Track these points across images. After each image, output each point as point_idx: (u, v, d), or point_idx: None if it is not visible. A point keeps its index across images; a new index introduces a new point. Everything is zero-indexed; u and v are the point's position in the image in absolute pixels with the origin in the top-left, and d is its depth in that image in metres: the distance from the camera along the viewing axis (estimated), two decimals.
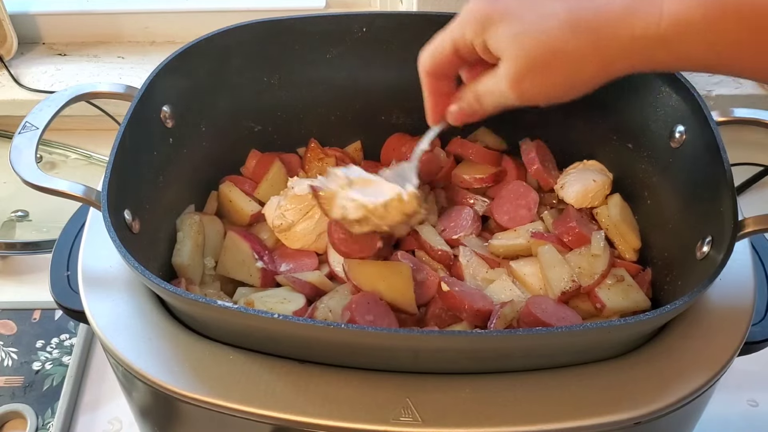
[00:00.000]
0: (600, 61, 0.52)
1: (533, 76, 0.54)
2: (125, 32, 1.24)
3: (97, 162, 1.15)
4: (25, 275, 1.02)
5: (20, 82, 1.16)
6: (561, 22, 0.52)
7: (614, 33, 0.51)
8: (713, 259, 0.61)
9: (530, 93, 0.55)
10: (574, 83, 0.54)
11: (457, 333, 0.61)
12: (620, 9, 0.50)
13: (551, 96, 0.55)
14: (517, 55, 0.54)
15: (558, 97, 0.55)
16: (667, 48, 0.50)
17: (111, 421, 0.86)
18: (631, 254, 0.76)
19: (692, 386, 0.57)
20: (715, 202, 0.63)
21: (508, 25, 0.54)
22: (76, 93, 0.72)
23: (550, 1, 0.53)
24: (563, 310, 0.68)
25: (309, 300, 0.69)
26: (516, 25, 0.53)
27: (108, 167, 0.63)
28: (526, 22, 0.53)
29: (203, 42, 0.76)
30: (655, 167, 0.75)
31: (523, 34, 0.53)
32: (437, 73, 0.62)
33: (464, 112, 0.63)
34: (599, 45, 0.51)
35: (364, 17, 0.81)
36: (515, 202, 0.79)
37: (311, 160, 0.85)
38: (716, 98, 1.10)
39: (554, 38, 0.52)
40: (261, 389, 0.57)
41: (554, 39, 0.52)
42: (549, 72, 0.53)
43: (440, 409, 0.56)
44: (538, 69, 0.54)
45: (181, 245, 0.74)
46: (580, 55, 0.52)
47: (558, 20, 0.52)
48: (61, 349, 0.92)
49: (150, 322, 0.62)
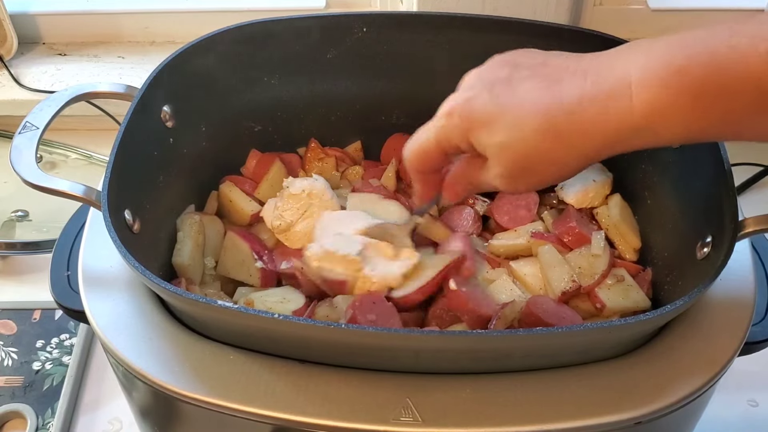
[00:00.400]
0: (581, 157, 0.53)
1: (523, 178, 0.56)
2: (125, 32, 1.24)
3: (97, 162, 1.15)
4: (25, 275, 1.02)
5: (20, 82, 1.16)
6: (536, 131, 0.52)
7: (588, 135, 0.51)
8: (713, 260, 0.61)
9: (522, 186, 0.57)
10: (562, 175, 0.56)
11: (457, 333, 0.61)
12: (592, 111, 0.50)
13: (545, 185, 0.57)
14: (504, 164, 0.55)
15: (548, 182, 0.57)
16: (645, 135, 0.50)
17: (111, 421, 0.86)
18: (631, 254, 0.76)
19: (692, 386, 0.57)
20: (715, 202, 0.63)
21: (490, 133, 0.54)
22: (76, 93, 0.72)
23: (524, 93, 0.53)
24: (564, 310, 0.68)
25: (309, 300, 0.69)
26: (497, 134, 0.54)
27: (108, 167, 0.63)
28: (506, 128, 0.53)
29: (203, 42, 0.76)
30: (655, 167, 0.75)
31: (505, 144, 0.54)
32: (426, 170, 0.63)
33: (460, 194, 0.64)
34: (575, 146, 0.52)
35: (364, 17, 0.81)
36: (515, 203, 0.79)
37: (311, 160, 0.85)
38: None
39: (533, 147, 0.53)
40: (261, 389, 0.57)
41: (533, 148, 0.53)
42: (535, 173, 0.55)
43: (440, 409, 0.56)
44: (525, 173, 0.55)
45: (181, 245, 0.74)
46: (562, 155, 0.53)
47: (533, 128, 0.52)
48: (61, 349, 0.92)
49: (150, 322, 0.62)
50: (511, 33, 0.79)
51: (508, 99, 0.54)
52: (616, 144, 0.52)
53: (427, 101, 0.84)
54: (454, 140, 0.57)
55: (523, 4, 1.03)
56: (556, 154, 0.53)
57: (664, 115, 0.48)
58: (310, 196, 0.75)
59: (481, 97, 0.55)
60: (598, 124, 0.51)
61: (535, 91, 0.53)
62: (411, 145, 0.61)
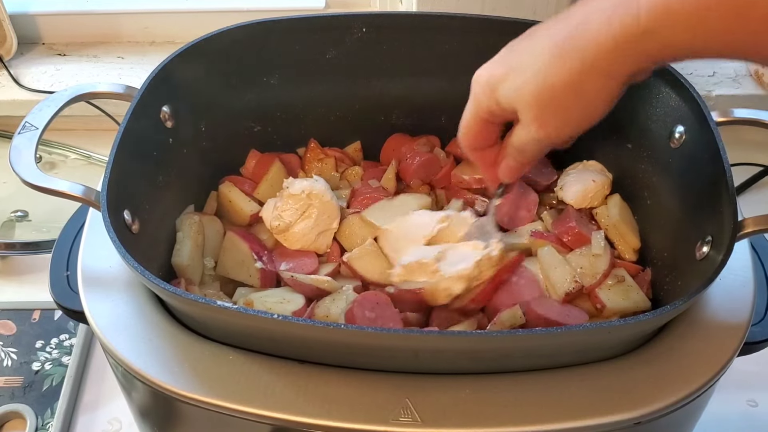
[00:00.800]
0: (596, 75, 0.53)
1: (551, 115, 0.56)
2: (125, 32, 1.24)
3: (97, 162, 1.15)
4: (24, 275, 1.02)
5: (20, 82, 1.16)
6: (550, 57, 0.54)
7: (597, 45, 0.52)
8: (713, 260, 0.61)
9: (557, 128, 0.57)
10: (586, 107, 0.56)
11: (456, 333, 0.61)
12: (598, 20, 0.51)
13: (578, 125, 0.57)
14: (528, 104, 0.56)
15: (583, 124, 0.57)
16: (652, 40, 0.50)
17: (110, 422, 0.86)
18: (631, 254, 0.76)
19: (692, 386, 0.57)
20: (715, 202, 0.63)
21: (511, 81, 0.57)
22: (76, 93, 0.72)
23: (539, 39, 0.56)
24: (569, 308, 0.68)
25: (309, 300, 0.69)
26: (516, 78, 0.56)
27: (107, 167, 0.63)
28: (523, 69, 0.56)
29: (203, 42, 0.76)
30: (654, 167, 0.75)
31: (524, 84, 0.56)
32: (478, 146, 0.65)
33: (512, 167, 0.65)
34: (587, 61, 0.52)
35: (364, 17, 0.81)
36: (514, 203, 0.79)
37: (311, 161, 0.85)
38: (716, 98, 1.10)
39: (550, 75, 0.54)
40: (260, 389, 0.57)
41: (550, 76, 0.54)
42: (561, 106, 0.56)
43: (440, 410, 0.56)
44: (550, 108, 0.56)
45: (180, 245, 0.74)
46: (576, 78, 0.53)
47: (547, 56, 0.54)
48: (60, 350, 0.92)
49: (150, 323, 0.62)
50: (510, 33, 0.78)
51: (521, 48, 0.58)
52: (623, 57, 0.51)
53: (426, 101, 0.85)
54: (485, 103, 0.59)
55: (523, 4, 1.03)
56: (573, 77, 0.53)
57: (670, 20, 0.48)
58: (309, 197, 0.75)
59: (499, 56, 0.59)
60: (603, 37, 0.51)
61: (545, 32, 0.56)
62: (459, 126, 0.64)
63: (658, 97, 0.74)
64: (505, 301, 0.69)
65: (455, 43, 0.80)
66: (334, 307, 0.68)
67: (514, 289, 0.70)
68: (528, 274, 0.71)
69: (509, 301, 0.68)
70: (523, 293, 0.69)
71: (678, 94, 0.71)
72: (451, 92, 0.81)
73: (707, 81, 1.12)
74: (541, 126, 0.57)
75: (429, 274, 0.68)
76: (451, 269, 0.67)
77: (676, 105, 0.72)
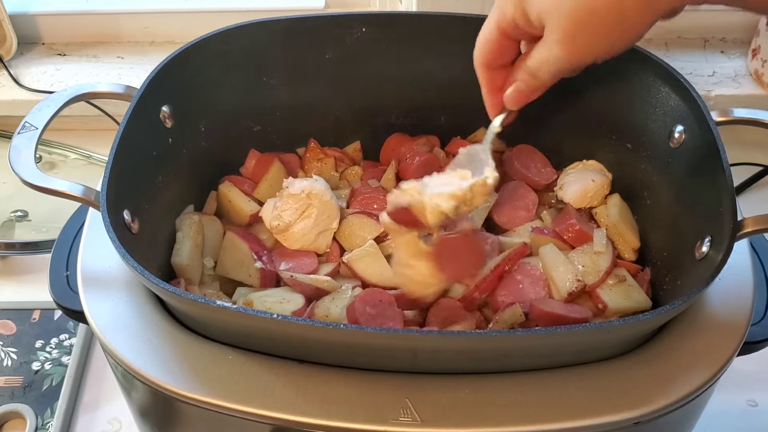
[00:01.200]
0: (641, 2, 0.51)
1: (583, 32, 0.53)
2: (125, 32, 1.24)
3: (97, 162, 1.15)
4: (24, 275, 1.02)
5: (20, 82, 1.16)
6: None
7: None
8: (712, 259, 0.61)
9: (584, 50, 0.55)
10: (621, 33, 0.53)
11: (456, 333, 0.61)
12: None
13: (604, 49, 0.54)
14: (561, 16, 0.53)
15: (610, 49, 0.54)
16: None
17: (110, 421, 0.86)
18: (631, 254, 0.76)
19: (692, 386, 0.58)
20: (715, 202, 0.63)
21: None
22: (76, 93, 0.72)
23: None
24: (573, 306, 0.69)
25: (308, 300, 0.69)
26: None
27: (107, 167, 0.63)
28: None
29: (203, 42, 0.76)
30: (654, 167, 0.75)
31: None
32: (491, 63, 0.62)
33: (522, 91, 0.61)
34: None
35: (364, 17, 0.81)
36: (514, 203, 0.79)
37: (311, 160, 0.85)
38: (716, 98, 1.10)
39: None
40: (260, 389, 0.57)
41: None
42: (595, 27, 0.53)
43: (439, 410, 0.56)
44: (584, 27, 0.53)
45: (180, 245, 0.74)
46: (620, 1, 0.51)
47: None
48: (60, 349, 0.92)
49: (149, 323, 0.62)
50: None
51: None
52: None
53: (426, 101, 0.85)
54: (510, 14, 0.56)
55: None
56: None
57: None
58: (309, 197, 0.75)
59: None
60: None
61: None
62: (477, 39, 0.61)
63: (658, 96, 0.74)
64: (511, 300, 0.69)
65: (455, 43, 0.80)
66: (333, 306, 0.68)
67: (518, 288, 0.70)
68: (534, 272, 0.71)
69: (515, 299, 0.69)
70: (528, 292, 0.69)
71: (678, 94, 0.71)
72: (450, 92, 0.82)
73: (707, 81, 1.12)
74: (566, 45, 0.54)
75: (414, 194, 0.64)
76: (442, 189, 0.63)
77: (676, 105, 0.72)
